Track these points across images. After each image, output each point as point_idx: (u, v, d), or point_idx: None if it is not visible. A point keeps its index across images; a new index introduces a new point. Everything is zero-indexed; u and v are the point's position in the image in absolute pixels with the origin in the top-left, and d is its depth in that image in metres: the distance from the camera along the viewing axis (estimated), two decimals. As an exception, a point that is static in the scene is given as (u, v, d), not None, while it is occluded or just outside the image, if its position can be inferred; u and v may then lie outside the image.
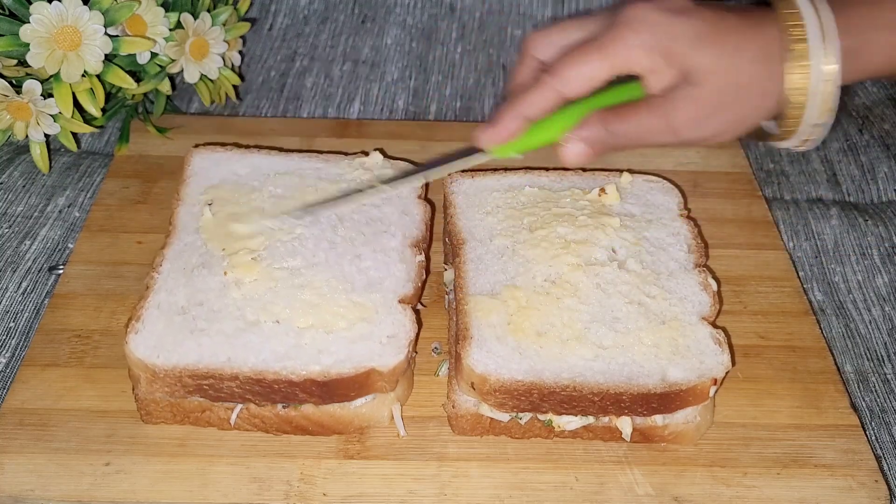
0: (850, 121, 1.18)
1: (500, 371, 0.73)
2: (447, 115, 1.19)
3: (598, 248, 0.82)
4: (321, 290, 0.77)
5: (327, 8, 1.35)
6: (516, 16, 1.34)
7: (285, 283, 0.78)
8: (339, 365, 0.72)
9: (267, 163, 0.92)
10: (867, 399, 0.86)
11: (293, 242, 0.81)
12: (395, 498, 0.73)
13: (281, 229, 0.82)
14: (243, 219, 0.84)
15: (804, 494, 0.74)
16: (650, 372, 0.73)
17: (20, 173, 1.04)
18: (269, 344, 0.74)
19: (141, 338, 0.74)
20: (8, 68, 0.93)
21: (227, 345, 0.73)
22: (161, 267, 0.80)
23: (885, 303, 0.94)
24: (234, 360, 0.72)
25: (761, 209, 1.00)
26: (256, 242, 0.80)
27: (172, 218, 0.86)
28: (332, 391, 0.72)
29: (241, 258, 0.79)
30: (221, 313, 0.76)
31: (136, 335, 0.74)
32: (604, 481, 0.74)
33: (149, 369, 0.72)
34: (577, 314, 0.77)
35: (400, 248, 0.83)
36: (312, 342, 0.74)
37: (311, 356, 0.73)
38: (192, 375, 0.72)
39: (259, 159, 0.93)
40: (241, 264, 0.78)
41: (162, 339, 0.74)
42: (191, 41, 1.02)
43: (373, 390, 0.74)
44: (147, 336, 0.74)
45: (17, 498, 0.71)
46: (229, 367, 0.72)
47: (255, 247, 0.80)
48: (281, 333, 0.74)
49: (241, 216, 0.84)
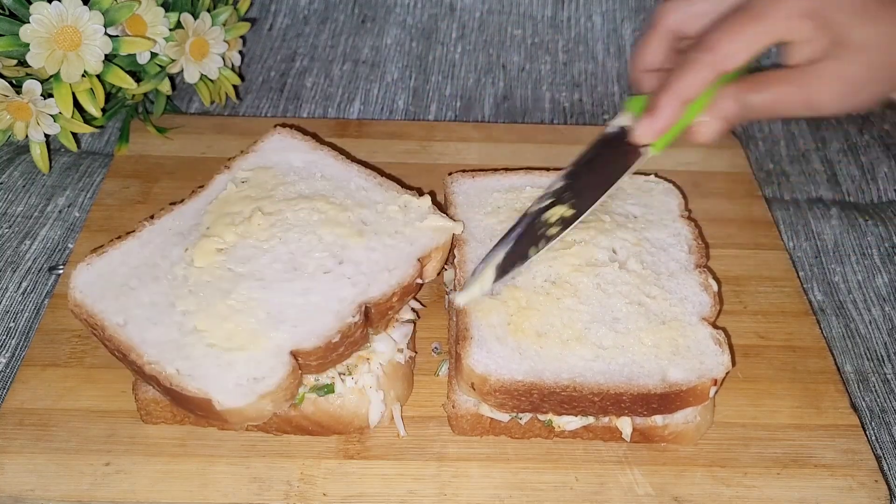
0: (850, 121, 1.18)
1: (500, 371, 0.73)
2: (447, 115, 1.19)
3: (598, 248, 0.82)
4: (236, 306, 0.74)
5: (327, 8, 1.35)
6: (516, 16, 1.34)
7: (220, 283, 0.76)
8: (186, 378, 0.70)
9: (325, 163, 0.89)
10: (867, 399, 0.86)
11: (257, 251, 0.79)
12: (395, 498, 0.73)
13: (262, 233, 0.80)
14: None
15: (804, 494, 0.74)
16: (650, 372, 0.73)
17: (20, 173, 1.04)
18: (161, 326, 0.73)
19: (86, 271, 0.78)
20: (8, 68, 0.93)
21: (130, 310, 0.75)
22: (159, 220, 0.83)
23: (885, 303, 0.94)
24: (126, 325, 0.74)
25: (761, 209, 1.00)
26: (231, 236, 0.80)
27: (209, 182, 0.87)
28: (176, 397, 0.71)
29: (208, 243, 0.79)
30: (156, 282, 0.77)
31: (86, 266, 0.78)
32: (604, 481, 0.74)
33: (70, 300, 0.76)
34: (577, 314, 0.77)
35: (347, 301, 0.75)
36: (191, 345, 0.72)
37: (179, 356, 0.72)
38: (88, 321, 0.75)
39: (321, 157, 0.90)
40: (204, 249, 0.79)
41: (98, 279, 0.77)
42: (191, 41, 1.02)
43: (217, 418, 0.71)
44: (91, 272, 0.78)
45: (17, 498, 0.72)
46: (113, 330, 0.74)
47: (227, 239, 0.80)
48: (175, 324, 0.74)
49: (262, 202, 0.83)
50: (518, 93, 1.23)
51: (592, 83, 1.25)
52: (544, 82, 1.25)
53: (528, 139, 1.09)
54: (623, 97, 1.23)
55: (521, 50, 1.30)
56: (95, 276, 0.78)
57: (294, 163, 0.89)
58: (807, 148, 1.15)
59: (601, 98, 1.22)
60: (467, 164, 1.03)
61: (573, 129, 1.12)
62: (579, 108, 1.21)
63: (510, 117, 1.19)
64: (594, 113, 1.20)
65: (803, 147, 1.15)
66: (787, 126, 1.18)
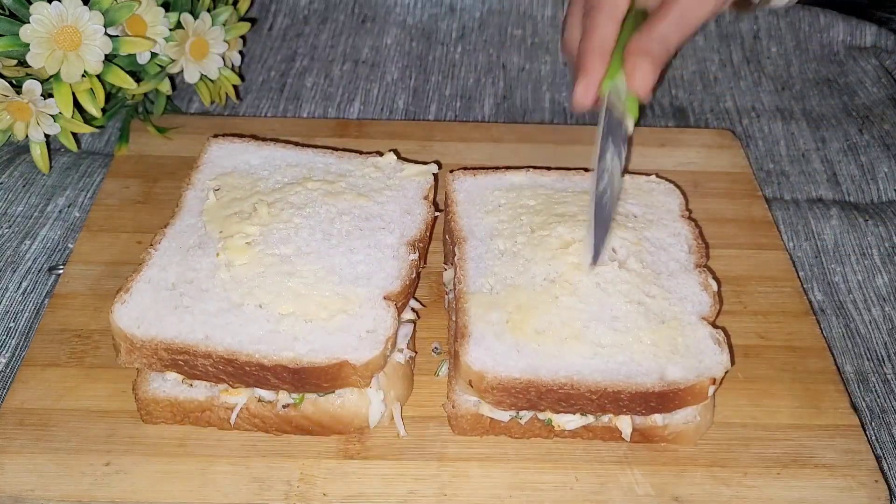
0: (850, 121, 1.18)
1: (497, 368, 0.72)
2: (447, 115, 1.19)
3: (598, 247, 0.82)
4: (308, 280, 0.78)
5: (327, 8, 1.35)
6: (516, 16, 1.34)
7: (274, 269, 0.78)
8: (312, 354, 0.73)
9: (280, 155, 0.94)
10: (867, 399, 0.86)
11: (288, 231, 0.82)
12: (395, 498, 0.73)
13: (279, 217, 0.83)
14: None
15: (804, 494, 0.74)
16: (649, 371, 0.73)
17: (20, 173, 1.04)
18: (247, 327, 0.74)
19: (126, 308, 0.76)
20: (8, 68, 0.93)
21: (206, 323, 0.75)
22: (159, 244, 0.82)
23: (885, 303, 0.94)
24: (210, 338, 0.73)
25: (761, 209, 1.00)
26: (253, 228, 0.82)
27: (179, 201, 0.87)
28: (303, 379, 0.73)
29: (235, 241, 0.80)
30: (208, 293, 0.77)
31: (122, 305, 0.76)
32: (604, 481, 0.74)
33: (128, 339, 0.74)
34: (576, 313, 0.77)
35: (395, 246, 0.83)
36: (290, 329, 0.74)
37: (286, 342, 0.73)
38: (168, 349, 0.73)
39: (273, 151, 0.94)
40: (234, 247, 0.80)
41: (146, 311, 0.76)
42: (191, 41, 1.02)
43: (347, 384, 0.74)
44: (132, 307, 0.76)
45: (17, 498, 0.72)
46: (204, 346, 0.73)
47: (250, 232, 0.81)
48: (261, 318, 0.75)
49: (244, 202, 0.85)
50: (518, 93, 1.23)
51: (592, 83, 1.25)
52: (544, 82, 1.25)
53: (528, 139, 1.09)
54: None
55: (521, 50, 1.30)
56: (139, 309, 0.76)
57: (252, 161, 0.92)
58: (807, 148, 1.15)
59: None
60: (467, 164, 1.03)
61: (573, 129, 1.12)
62: (579, 108, 1.21)
63: (510, 117, 1.19)
64: (594, 113, 1.20)
65: (803, 147, 1.15)
66: (787, 126, 1.18)
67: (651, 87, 0.85)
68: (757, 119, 1.20)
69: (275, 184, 0.89)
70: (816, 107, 1.21)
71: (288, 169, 0.91)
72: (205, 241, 0.82)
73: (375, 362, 0.74)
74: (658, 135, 1.10)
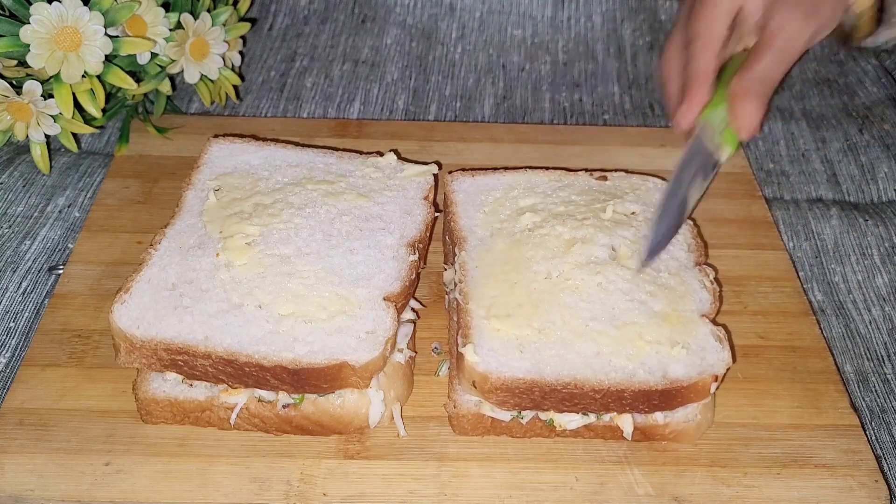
0: (850, 121, 1.18)
1: (501, 369, 0.73)
2: (447, 115, 1.19)
3: (598, 246, 0.82)
4: (307, 280, 0.78)
5: (327, 8, 1.35)
6: (516, 16, 1.34)
7: (274, 269, 0.78)
8: (311, 355, 0.73)
9: (280, 155, 0.94)
10: (867, 399, 0.86)
11: (288, 231, 0.82)
12: (395, 498, 0.73)
13: (279, 217, 0.83)
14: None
15: (804, 494, 0.74)
16: (651, 369, 0.73)
17: (20, 173, 1.04)
18: (247, 327, 0.74)
19: (126, 308, 0.76)
20: (8, 69, 0.93)
21: (206, 324, 0.75)
22: (159, 244, 0.82)
23: (885, 303, 0.94)
24: (210, 339, 0.73)
25: (761, 209, 1.00)
26: (253, 228, 0.82)
27: (179, 201, 0.87)
28: (302, 380, 0.73)
29: (235, 241, 0.80)
30: (208, 293, 0.77)
31: (121, 305, 0.76)
32: (604, 481, 0.74)
33: (128, 339, 0.74)
34: (577, 312, 0.77)
35: (395, 247, 0.83)
36: (290, 330, 0.74)
37: (285, 343, 0.73)
38: (168, 349, 0.73)
39: (273, 151, 0.94)
40: (234, 247, 0.80)
41: (146, 311, 0.76)
42: (191, 41, 1.02)
43: (346, 385, 0.74)
44: (132, 307, 0.76)
45: (17, 498, 0.72)
46: (204, 346, 0.73)
47: (251, 232, 0.81)
48: (261, 318, 0.75)
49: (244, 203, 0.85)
50: (518, 93, 1.23)
51: (592, 83, 1.25)
52: (544, 82, 1.25)
53: (528, 139, 1.09)
54: (623, 97, 1.23)
55: (521, 50, 1.30)
56: (139, 310, 0.76)
57: (252, 161, 0.92)
58: (807, 148, 1.15)
59: (601, 98, 1.22)
60: (467, 164, 1.03)
61: (573, 129, 1.12)
62: (579, 108, 1.21)
63: (510, 117, 1.19)
64: (594, 113, 1.20)
65: (803, 147, 1.15)
66: (787, 126, 1.18)
67: (759, 127, 0.88)
68: (757, 119, 1.20)
69: (275, 184, 0.89)
70: (816, 107, 1.21)
71: (288, 169, 0.91)
72: (205, 241, 0.82)
73: (375, 363, 0.74)
74: (658, 135, 1.10)
